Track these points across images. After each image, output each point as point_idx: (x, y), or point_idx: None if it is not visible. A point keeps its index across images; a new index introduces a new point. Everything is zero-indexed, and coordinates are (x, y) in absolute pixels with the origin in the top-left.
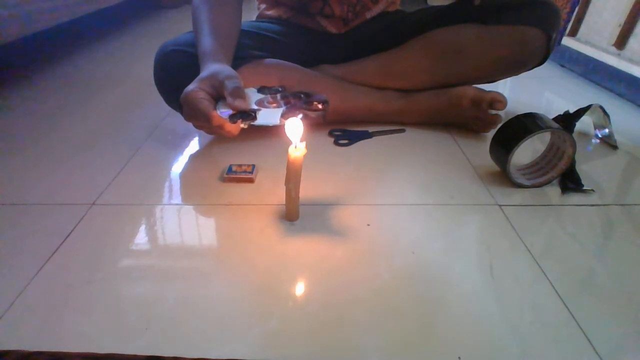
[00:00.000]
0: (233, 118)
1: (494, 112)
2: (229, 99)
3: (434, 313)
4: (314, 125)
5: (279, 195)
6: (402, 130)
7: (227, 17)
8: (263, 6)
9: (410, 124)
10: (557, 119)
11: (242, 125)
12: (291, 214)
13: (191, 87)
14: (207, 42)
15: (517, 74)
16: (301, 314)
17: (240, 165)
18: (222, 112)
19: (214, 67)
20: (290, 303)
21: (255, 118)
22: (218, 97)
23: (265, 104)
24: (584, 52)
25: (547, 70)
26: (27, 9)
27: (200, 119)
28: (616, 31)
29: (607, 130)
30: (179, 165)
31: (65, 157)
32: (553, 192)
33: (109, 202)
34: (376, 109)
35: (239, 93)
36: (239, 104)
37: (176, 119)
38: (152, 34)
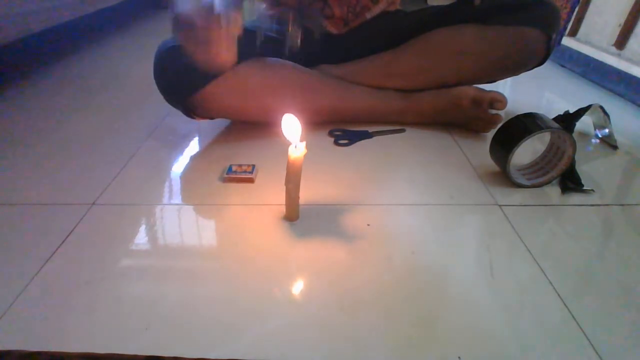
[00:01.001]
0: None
1: (494, 112)
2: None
3: (434, 313)
4: (314, 124)
5: (279, 195)
6: (402, 130)
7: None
8: (264, 6)
9: (410, 124)
10: (557, 119)
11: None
12: (291, 214)
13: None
14: None
15: (517, 74)
16: (301, 314)
17: (240, 165)
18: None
19: None
20: (290, 303)
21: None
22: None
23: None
24: (584, 52)
25: (547, 70)
26: (27, 9)
27: (189, 21)
28: (616, 31)
29: (607, 130)
30: (179, 165)
31: (65, 157)
32: (553, 192)
33: (109, 202)
34: (376, 109)
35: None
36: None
37: (176, 119)
38: (152, 34)
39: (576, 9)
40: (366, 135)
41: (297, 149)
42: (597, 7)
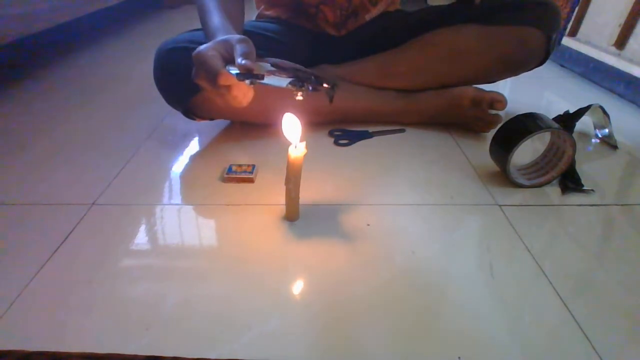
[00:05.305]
0: (240, 76)
1: (494, 112)
2: (238, 60)
3: (434, 313)
4: (314, 124)
5: (279, 195)
6: (402, 130)
7: (235, 6)
8: (262, 6)
9: (410, 124)
10: (557, 119)
11: (247, 83)
12: (291, 214)
13: (205, 46)
14: (217, 21)
15: (517, 74)
16: (301, 314)
17: (240, 165)
18: (231, 69)
19: (228, 35)
20: (290, 303)
21: (262, 78)
22: (231, 60)
23: (276, 74)
24: (584, 52)
25: (547, 70)
26: (27, 9)
27: (208, 77)
28: (616, 31)
29: (607, 130)
30: (179, 165)
31: (65, 157)
32: (553, 192)
33: (109, 202)
34: (376, 109)
35: (249, 55)
36: (248, 64)
37: (176, 119)
38: (152, 34)
39: (576, 9)
40: (366, 135)
41: (297, 149)
42: (597, 7)
